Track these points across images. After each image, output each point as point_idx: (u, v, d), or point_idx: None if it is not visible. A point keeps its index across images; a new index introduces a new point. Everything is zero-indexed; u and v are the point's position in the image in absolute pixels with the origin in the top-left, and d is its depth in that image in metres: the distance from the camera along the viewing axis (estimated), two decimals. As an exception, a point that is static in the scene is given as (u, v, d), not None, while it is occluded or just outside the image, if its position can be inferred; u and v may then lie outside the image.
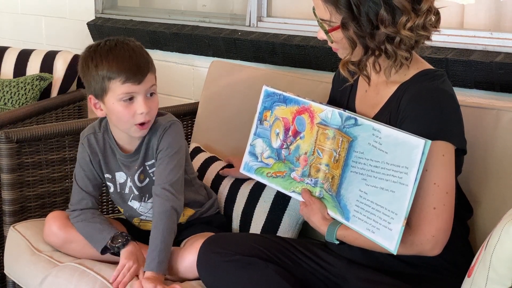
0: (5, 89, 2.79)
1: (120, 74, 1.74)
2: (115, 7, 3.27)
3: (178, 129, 1.89)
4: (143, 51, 1.82)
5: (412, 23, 1.49)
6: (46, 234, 1.92)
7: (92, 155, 1.90)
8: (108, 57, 1.76)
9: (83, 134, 1.93)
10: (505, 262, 1.22)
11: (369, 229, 1.48)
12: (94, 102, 1.83)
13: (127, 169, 1.89)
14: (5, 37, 3.73)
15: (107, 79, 1.75)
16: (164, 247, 1.75)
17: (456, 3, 2.19)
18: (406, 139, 1.42)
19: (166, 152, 1.84)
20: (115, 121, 1.82)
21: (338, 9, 1.51)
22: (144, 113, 1.77)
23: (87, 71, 1.80)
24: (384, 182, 1.45)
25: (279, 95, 1.74)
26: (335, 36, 1.56)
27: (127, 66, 1.75)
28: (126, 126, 1.81)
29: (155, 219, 1.80)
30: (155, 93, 1.82)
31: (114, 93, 1.76)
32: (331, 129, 1.59)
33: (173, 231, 1.79)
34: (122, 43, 1.80)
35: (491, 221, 1.61)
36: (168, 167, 1.83)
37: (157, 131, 1.85)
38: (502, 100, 1.98)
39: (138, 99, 1.77)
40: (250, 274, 1.62)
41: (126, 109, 1.77)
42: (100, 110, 1.84)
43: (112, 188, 1.92)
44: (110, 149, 1.90)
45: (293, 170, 1.68)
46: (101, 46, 1.80)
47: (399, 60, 1.54)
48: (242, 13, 2.71)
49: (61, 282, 1.80)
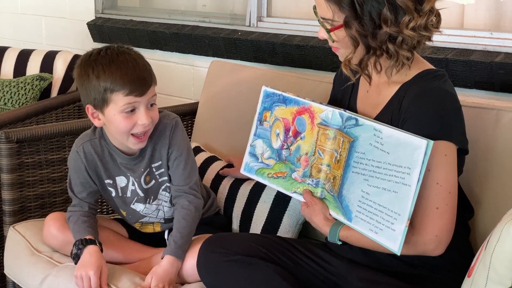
0: (5, 89, 2.79)
1: (124, 86, 1.70)
2: (115, 7, 3.27)
3: (182, 125, 1.89)
4: (145, 62, 1.79)
5: (415, 23, 1.49)
6: (45, 236, 1.92)
7: (88, 163, 1.87)
8: (111, 68, 1.71)
9: (78, 143, 1.89)
10: (505, 262, 1.22)
11: (372, 230, 1.48)
12: (92, 112, 1.79)
13: (131, 172, 1.87)
14: (5, 37, 3.73)
15: (110, 91, 1.71)
16: (188, 240, 1.78)
17: (456, 3, 2.19)
18: (408, 140, 1.42)
19: (179, 152, 1.84)
20: (113, 131, 1.79)
21: (341, 7, 1.51)
22: (145, 124, 1.75)
23: (87, 80, 1.74)
24: (386, 183, 1.45)
25: (278, 95, 1.74)
26: (337, 35, 1.56)
27: (131, 78, 1.71)
28: (124, 137, 1.78)
29: (181, 213, 1.82)
30: (155, 103, 1.80)
31: (116, 105, 1.72)
32: (332, 130, 1.59)
33: (195, 227, 1.82)
34: (124, 53, 1.76)
35: (492, 221, 1.61)
36: (187, 169, 1.85)
37: (163, 130, 1.84)
38: (502, 100, 1.98)
39: (140, 110, 1.74)
40: (250, 274, 1.62)
41: (127, 120, 1.74)
42: (98, 119, 1.79)
43: (114, 192, 1.91)
44: (109, 154, 1.87)
45: (294, 171, 1.68)
46: (101, 55, 1.75)
47: (400, 60, 1.54)
48: (242, 13, 2.71)
49: (61, 282, 1.80)
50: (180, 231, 1.78)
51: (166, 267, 1.73)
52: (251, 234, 1.94)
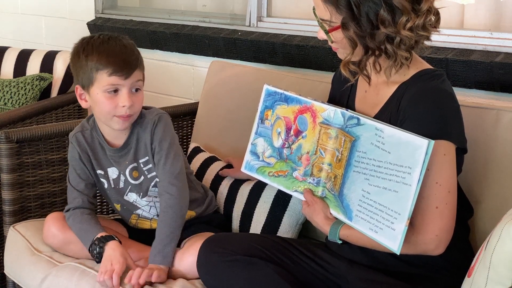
0: (5, 89, 2.79)
1: (108, 65, 1.76)
2: (115, 7, 3.27)
3: (167, 121, 1.90)
4: (134, 48, 1.85)
5: (412, 23, 1.49)
6: (45, 235, 1.92)
7: (82, 152, 1.91)
8: (99, 49, 1.79)
9: (72, 133, 1.94)
10: (505, 262, 1.22)
11: (372, 229, 1.48)
12: (80, 92, 1.85)
13: (117, 164, 1.90)
14: (5, 37, 3.73)
15: (95, 69, 1.77)
16: (170, 241, 1.78)
17: (456, 3, 2.19)
18: (410, 139, 1.42)
19: (160, 147, 1.86)
20: (97, 112, 1.84)
21: (338, 9, 1.51)
22: (126, 106, 1.78)
23: (77, 60, 1.82)
24: (387, 182, 1.46)
25: (280, 94, 1.74)
26: (335, 36, 1.56)
27: (116, 59, 1.77)
28: (107, 117, 1.81)
29: (162, 213, 1.82)
30: (140, 89, 1.83)
31: (99, 83, 1.78)
32: (334, 129, 1.59)
33: (180, 225, 1.82)
34: (116, 38, 1.83)
35: (492, 221, 1.61)
36: (168, 162, 1.85)
37: (147, 125, 1.86)
38: (502, 100, 1.98)
39: (122, 92, 1.78)
40: (250, 274, 1.62)
41: (109, 100, 1.78)
42: (84, 101, 1.85)
43: (106, 184, 1.93)
44: (100, 145, 1.91)
45: (295, 170, 1.68)
46: (94, 38, 1.83)
47: (399, 60, 1.54)
48: (242, 13, 2.71)
49: (61, 281, 1.80)
50: (160, 236, 1.80)
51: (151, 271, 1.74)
52: (251, 234, 1.94)
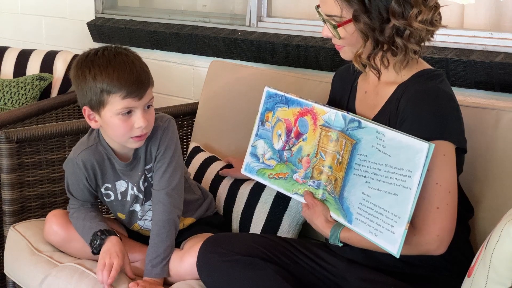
0: (5, 89, 2.79)
1: (121, 89, 1.68)
2: (115, 7, 3.27)
3: (174, 127, 1.86)
4: (142, 63, 1.76)
5: (423, 16, 1.52)
6: (47, 232, 1.92)
7: (88, 173, 1.85)
8: (108, 69, 1.69)
9: (75, 152, 1.86)
10: (505, 262, 1.22)
11: (372, 232, 1.48)
12: (88, 113, 1.76)
13: (129, 177, 1.86)
14: (5, 37, 3.73)
15: (106, 92, 1.69)
16: (167, 255, 1.77)
17: (456, 3, 2.19)
18: (410, 143, 1.42)
19: (164, 155, 1.82)
20: (110, 134, 1.78)
21: (350, 2, 1.53)
22: (142, 127, 1.73)
23: (83, 81, 1.72)
24: (387, 185, 1.45)
25: (281, 96, 1.74)
26: (346, 30, 1.57)
27: (128, 81, 1.69)
28: (123, 139, 1.76)
29: (157, 226, 1.79)
30: (152, 105, 1.78)
31: (112, 107, 1.70)
32: (334, 131, 1.58)
33: (173, 235, 1.81)
34: (121, 53, 1.74)
35: (492, 221, 1.61)
36: (168, 171, 1.82)
37: (156, 131, 1.82)
38: (502, 100, 1.98)
39: (136, 113, 1.72)
40: (250, 274, 1.62)
41: (124, 123, 1.72)
42: (94, 121, 1.78)
43: (112, 196, 1.90)
44: (108, 160, 1.85)
45: (296, 172, 1.67)
46: (98, 56, 1.72)
47: (408, 54, 1.55)
48: (242, 13, 2.71)
49: (61, 282, 1.80)
50: (154, 248, 1.78)
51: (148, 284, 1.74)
52: (251, 234, 1.94)
